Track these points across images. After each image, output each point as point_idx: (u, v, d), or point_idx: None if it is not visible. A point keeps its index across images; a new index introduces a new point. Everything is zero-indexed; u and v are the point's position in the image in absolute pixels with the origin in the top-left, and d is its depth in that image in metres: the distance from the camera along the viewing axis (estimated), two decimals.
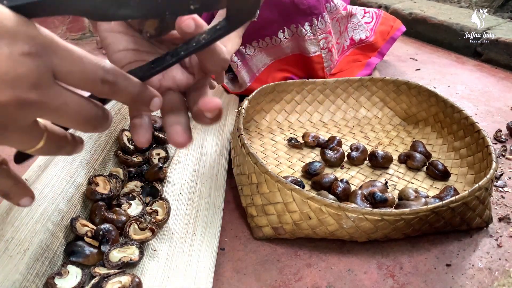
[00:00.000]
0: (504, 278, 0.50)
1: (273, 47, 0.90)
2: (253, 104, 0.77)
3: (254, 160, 0.54)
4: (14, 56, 0.23)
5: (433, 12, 1.41)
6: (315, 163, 0.66)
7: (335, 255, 0.53)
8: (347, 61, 1.01)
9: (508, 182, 0.68)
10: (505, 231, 0.58)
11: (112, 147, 0.62)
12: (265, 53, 0.91)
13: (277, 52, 0.91)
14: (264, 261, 0.52)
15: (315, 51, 0.90)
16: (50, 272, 0.42)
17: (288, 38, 0.89)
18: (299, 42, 0.89)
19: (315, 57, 0.90)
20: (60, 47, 0.25)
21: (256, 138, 0.77)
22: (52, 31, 0.28)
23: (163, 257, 0.47)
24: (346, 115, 0.85)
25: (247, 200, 0.56)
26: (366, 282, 0.49)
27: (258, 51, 0.91)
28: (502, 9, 1.49)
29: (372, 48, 1.04)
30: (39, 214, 0.44)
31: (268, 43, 0.90)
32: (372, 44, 1.04)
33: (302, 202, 0.49)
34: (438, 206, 0.50)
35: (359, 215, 0.48)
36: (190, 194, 0.57)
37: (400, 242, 0.55)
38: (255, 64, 0.91)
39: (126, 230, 0.49)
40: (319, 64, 0.91)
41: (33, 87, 0.24)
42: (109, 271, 0.44)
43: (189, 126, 0.34)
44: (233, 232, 0.56)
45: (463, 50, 1.29)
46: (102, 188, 0.53)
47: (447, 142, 0.75)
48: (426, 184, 0.66)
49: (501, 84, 1.08)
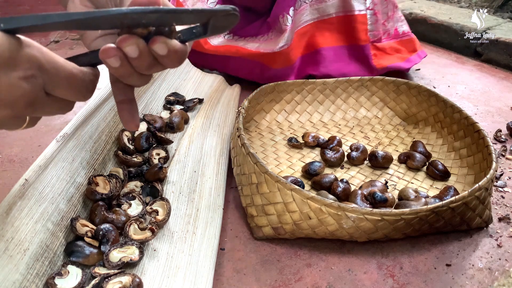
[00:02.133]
0: (504, 278, 0.50)
1: (318, 1, 0.89)
2: (253, 104, 0.77)
3: (254, 160, 0.54)
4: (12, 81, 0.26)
5: (433, 12, 1.41)
6: (315, 163, 0.66)
7: (335, 255, 0.53)
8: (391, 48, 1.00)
9: (508, 182, 0.68)
10: (505, 231, 0.58)
11: (112, 147, 0.62)
12: (309, 10, 0.90)
13: (321, 11, 0.90)
14: (264, 261, 0.52)
15: (360, 10, 0.89)
16: (50, 272, 0.42)
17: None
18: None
19: (360, 16, 0.89)
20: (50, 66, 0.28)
21: (256, 138, 0.77)
22: None
23: (163, 257, 0.47)
24: (346, 115, 0.85)
25: (247, 200, 0.56)
26: (366, 282, 0.49)
27: (304, 6, 0.90)
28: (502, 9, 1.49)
29: (412, 46, 1.03)
30: (39, 214, 0.44)
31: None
32: (412, 41, 1.03)
33: (302, 202, 0.49)
34: (438, 206, 0.50)
35: (359, 215, 0.48)
36: (190, 194, 0.57)
37: (400, 242, 0.55)
38: (298, 19, 0.90)
39: (126, 230, 0.49)
40: (363, 25, 0.90)
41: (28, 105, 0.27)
42: (109, 271, 0.44)
43: None
44: (233, 232, 0.56)
45: (463, 50, 1.29)
46: (102, 188, 0.53)
47: (447, 142, 0.75)
48: (426, 184, 0.66)
49: (501, 84, 1.08)
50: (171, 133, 0.72)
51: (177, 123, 0.72)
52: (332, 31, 0.94)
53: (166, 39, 0.31)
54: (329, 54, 0.94)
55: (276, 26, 0.93)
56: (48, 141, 0.51)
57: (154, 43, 0.30)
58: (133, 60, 0.31)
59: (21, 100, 0.26)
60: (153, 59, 0.32)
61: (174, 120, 0.72)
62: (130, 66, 0.31)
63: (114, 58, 0.30)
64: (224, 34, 1.00)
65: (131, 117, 0.37)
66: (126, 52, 0.30)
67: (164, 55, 0.31)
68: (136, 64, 0.31)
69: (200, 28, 0.32)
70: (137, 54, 0.30)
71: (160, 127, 0.70)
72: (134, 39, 0.30)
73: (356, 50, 0.95)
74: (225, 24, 0.32)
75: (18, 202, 0.43)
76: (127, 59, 0.31)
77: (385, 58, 0.96)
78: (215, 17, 0.31)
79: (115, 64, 0.30)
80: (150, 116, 0.70)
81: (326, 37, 0.94)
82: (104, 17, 0.27)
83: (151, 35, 0.31)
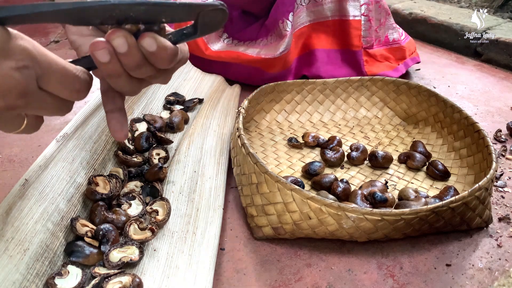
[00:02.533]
0: (504, 278, 0.50)
1: (315, 4, 0.90)
2: (253, 104, 0.77)
3: (254, 160, 0.54)
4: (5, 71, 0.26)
5: (433, 12, 1.41)
6: (315, 163, 0.66)
7: (335, 255, 0.53)
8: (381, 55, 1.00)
9: (508, 182, 0.68)
10: (505, 231, 0.58)
11: (112, 147, 0.62)
12: (306, 12, 0.91)
13: (317, 13, 0.91)
14: (264, 261, 0.52)
15: (355, 15, 0.90)
16: (50, 272, 0.42)
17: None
18: (341, 2, 0.90)
19: (354, 21, 0.90)
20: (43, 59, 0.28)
21: (256, 138, 0.77)
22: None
23: (163, 257, 0.47)
24: (346, 115, 0.85)
25: (247, 200, 0.56)
26: (366, 282, 0.49)
27: (301, 9, 0.90)
28: (502, 9, 1.49)
29: (400, 53, 1.03)
30: (39, 214, 0.44)
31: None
32: (402, 49, 1.02)
33: (302, 202, 0.49)
34: (438, 206, 0.50)
35: (359, 215, 0.48)
36: (190, 194, 0.57)
37: (400, 242, 0.55)
38: (296, 22, 0.91)
39: (126, 230, 0.49)
40: (356, 31, 0.91)
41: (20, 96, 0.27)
42: (109, 271, 0.44)
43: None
44: (233, 232, 0.56)
45: (463, 50, 1.29)
46: (102, 188, 0.53)
47: (447, 142, 0.75)
48: (426, 184, 0.66)
49: (501, 84, 1.08)
50: (171, 133, 0.72)
51: (177, 123, 0.72)
52: (328, 34, 0.94)
53: (155, 35, 0.31)
54: (322, 56, 0.95)
55: (275, 30, 0.94)
56: (48, 141, 0.51)
57: (142, 38, 0.31)
58: (122, 56, 0.31)
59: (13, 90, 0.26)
60: (143, 57, 0.32)
61: (174, 120, 0.72)
62: (119, 64, 0.32)
63: (103, 51, 0.30)
64: (223, 38, 1.00)
65: (120, 126, 0.37)
66: (115, 46, 0.30)
67: (153, 51, 0.31)
68: (125, 62, 0.31)
69: (190, 29, 0.33)
70: (126, 48, 0.30)
71: (160, 127, 0.70)
72: (122, 32, 0.30)
73: (348, 55, 0.95)
74: (215, 21, 0.32)
75: (18, 202, 0.43)
76: (116, 55, 0.31)
77: (375, 65, 0.96)
78: (203, 13, 0.31)
79: (104, 59, 0.31)
80: (150, 116, 0.70)
81: (321, 39, 0.95)
82: (93, 8, 0.28)
83: (139, 32, 0.31)
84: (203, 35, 0.34)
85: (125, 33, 0.30)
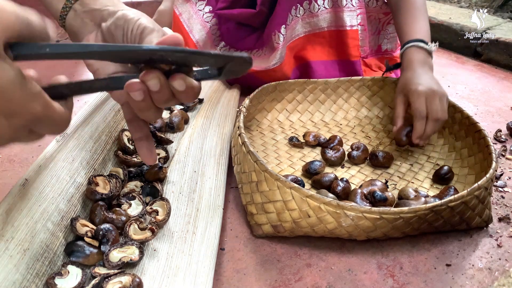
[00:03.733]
0: (504, 278, 0.50)
1: (310, 15, 0.89)
2: (255, 103, 0.77)
3: (254, 158, 0.54)
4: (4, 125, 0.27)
5: (433, 12, 1.41)
6: (316, 162, 0.67)
7: (335, 255, 0.53)
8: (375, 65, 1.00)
9: (508, 182, 0.68)
10: (505, 231, 0.58)
11: (112, 147, 0.62)
12: (301, 24, 0.90)
13: (312, 24, 0.90)
14: (264, 261, 0.52)
15: (352, 25, 0.89)
16: (50, 272, 0.42)
17: (327, 9, 0.88)
18: (337, 13, 0.88)
19: (351, 31, 0.89)
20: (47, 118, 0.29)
21: (257, 137, 0.77)
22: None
23: (163, 257, 0.47)
24: (347, 115, 0.85)
25: (247, 198, 0.56)
26: (366, 282, 0.49)
27: (296, 20, 0.89)
28: (502, 9, 1.49)
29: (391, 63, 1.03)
30: (39, 214, 0.44)
31: (306, 9, 0.88)
32: (394, 59, 1.01)
33: (301, 200, 0.49)
34: (437, 205, 0.50)
35: (358, 214, 0.48)
36: (190, 194, 0.57)
37: (400, 242, 0.55)
38: (290, 34, 0.90)
39: (126, 230, 0.49)
40: (354, 41, 0.90)
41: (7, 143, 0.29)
42: (109, 271, 0.44)
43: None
44: (233, 232, 0.56)
45: (463, 50, 1.29)
46: (102, 188, 0.53)
47: (448, 142, 0.75)
48: (427, 184, 0.66)
49: (501, 84, 1.08)
50: (171, 133, 0.72)
51: (177, 123, 0.72)
52: (324, 45, 0.93)
53: (185, 76, 0.33)
54: (319, 68, 0.93)
55: (269, 43, 0.94)
56: (48, 141, 0.51)
57: (174, 79, 0.33)
58: (153, 93, 0.33)
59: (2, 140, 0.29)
60: (171, 94, 0.34)
61: (174, 120, 0.72)
62: (150, 99, 0.34)
63: (139, 92, 0.33)
64: (220, 46, 1.02)
65: (150, 153, 0.40)
66: (148, 86, 0.32)
67: (182, 90, 0.34)
68: (156, 98, 0.34)
69: (215, 71, 0.35)
70: (158, 87, 0.33)
71: (160, 127, 0.70)
72: (157, 73, 0.32)
73: (347, 65, 0.94)
74: (239, 70, 0.35)
75: (18, 202, 0.43)
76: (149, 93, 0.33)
77: (372, 75, 0.95)
78: (232, 63, 0.33)
79: (138, 98, 0.33)
80: None
81: (317, 51, 0.93)
82: (137, 51, 0.30)
83: (170, 71, 0.33)
84: (225, 78, 0.37)
85: (158, 74, 0.32)
